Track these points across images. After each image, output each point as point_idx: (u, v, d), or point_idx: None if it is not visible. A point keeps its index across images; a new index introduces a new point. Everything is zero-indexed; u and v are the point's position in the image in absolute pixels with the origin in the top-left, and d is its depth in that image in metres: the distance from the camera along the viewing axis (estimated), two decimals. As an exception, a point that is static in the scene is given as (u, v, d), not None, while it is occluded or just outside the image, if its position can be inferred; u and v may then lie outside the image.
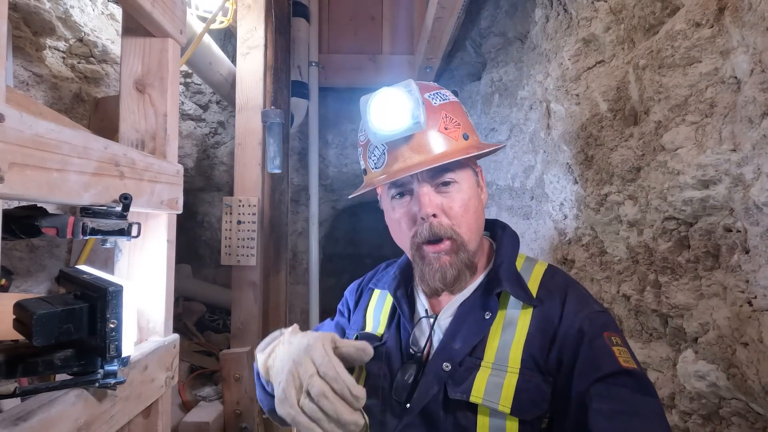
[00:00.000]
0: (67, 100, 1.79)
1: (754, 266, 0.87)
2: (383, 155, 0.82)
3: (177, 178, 0.93)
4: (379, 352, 0.86)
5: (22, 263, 1.63)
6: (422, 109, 0.76)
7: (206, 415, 1.94)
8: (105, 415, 0.70)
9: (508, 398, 0.71)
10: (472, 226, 0.80)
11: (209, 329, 2.84)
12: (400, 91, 0.77)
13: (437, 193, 0.79)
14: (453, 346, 0.78)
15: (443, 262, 0.78)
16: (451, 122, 0.81)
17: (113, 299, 0.62)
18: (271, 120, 1.97)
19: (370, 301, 0.98)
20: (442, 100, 0.83)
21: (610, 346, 0.70)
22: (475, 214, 0.81)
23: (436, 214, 0.78)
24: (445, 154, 0.78)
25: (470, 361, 0.76)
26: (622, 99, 1.23)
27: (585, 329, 0.73)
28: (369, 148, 0.85)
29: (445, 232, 0.78)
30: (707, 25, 0.93)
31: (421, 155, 0.78)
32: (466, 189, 0.81)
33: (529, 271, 0.84)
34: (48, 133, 0.58)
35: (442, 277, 0.78)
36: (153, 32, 0.91)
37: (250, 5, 2.15)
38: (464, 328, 0.79)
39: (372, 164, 0.85)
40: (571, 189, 1.57)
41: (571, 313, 0.75)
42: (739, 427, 0.95)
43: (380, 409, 0.83)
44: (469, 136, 0.82)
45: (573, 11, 1.50)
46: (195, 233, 3.23)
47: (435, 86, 0.86)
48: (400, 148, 0.80)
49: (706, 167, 0.93)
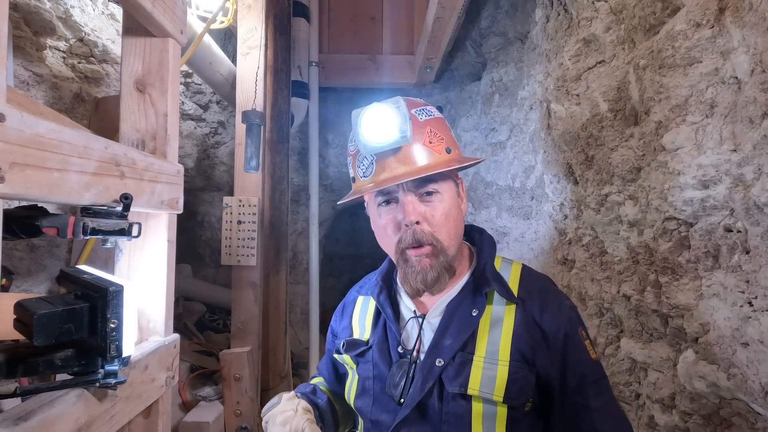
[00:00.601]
0: (68, 99, 1.79)
1: (754, 266, 0.87)
2: (372, 165, 0.88)
3: (177, 177, 0.93)
4: (366, 356, 0.94)
5: (22, 263, 1.63)
6: (409, 125, 0.83)
7: (206, 415, 1.95)
8: (105, 414, 0.70)
9: (501, 388, 0.80)
10: (451, 233, 0.86)
11: (209, 329, 2.84)
12: (389, 107, 0.84)
13: (421, 202, 0.85)
14: (444, 342, 0.85)
15: (424, 264, 0.84)
16: (435, 137, 0.87)
17: (114, 299, 0.62)
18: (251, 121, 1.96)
19: (354, 308, 1.04)
20: (427, 116, 0.89)
21: (583, 341, 0.85)
22: (455, 222, 0.87)
23: (419, 221, 0.84)
24: (429, 166, 0.84)
25: (462, 355, 0.83)
26: (623, 99, 1.23)
27: (568, 332, 0.84)
28: (358, 158, 0.91)
29: (427, 238, 0.84)
30: (708, 26, 0.93)
31: (407, 166, 0.85)
32: (448, 199, 0.87)
33: (507, 271, 0.92)
34: (48, 132, 0.58)
35: (423, 278, 0.84)
36: (153, 32, 0.91)
37: (251, 5, 2.15)
38: (454, 326, 0.86)
39: (361, 173, 0.90)
40: (571, 189, 1.57)
41: (554, 316, 0.85)
42: (740, 428, 0.95)
43: (372, 408, 0.90)
44: (451, 150, 0.88)
45: (573, 11, 1.50)
46: (195, 233, 3.23)
47: (421, 102, 0.92)
48: (387, 159, 0.86)
49: (707, 167, 0.93)
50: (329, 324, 1.10)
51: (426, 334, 0.88)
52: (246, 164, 1.94)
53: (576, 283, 1.57)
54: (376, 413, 0.88)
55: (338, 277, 4.19)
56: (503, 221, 2.26)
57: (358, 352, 0.94)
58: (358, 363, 0.94)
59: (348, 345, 0.97)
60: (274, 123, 2.29)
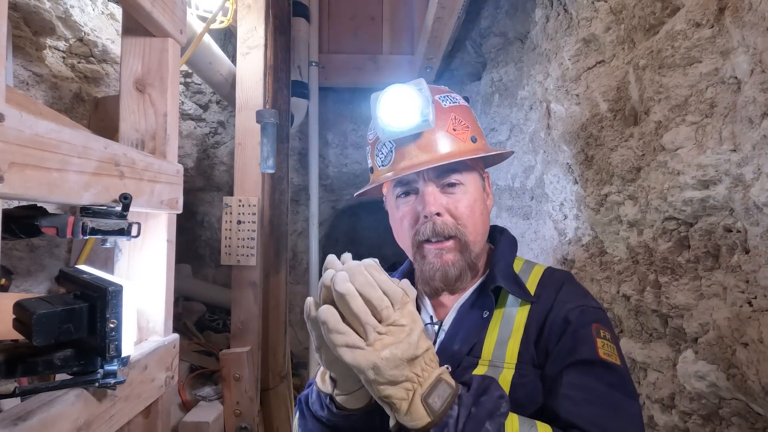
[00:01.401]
0: (67, 99, 1.79)
1: (754, 266, 0.87)
2: (390, 153, 0.82)
3: (177, 177, 0.93)
4: None
5: (22, 263, 1.63)
6: (431, 108, 0.77)
7: (206, 415, 1.94)
8: (105, 414, 0.70)
9: None
10: (478, 228, 0.80)
11: (209, 329, 2.84)
12: (410, 88, 0.78)
13: (442, 194, 0.79)
14: (452, 348, 0.79)
15: (446, 260, 0.78)
16: (459, 124, 0.81)
17: (113, 299, 0.62)
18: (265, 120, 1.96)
19: None
20: (452, 103, 0.83)
21: (594, 336, 0.70)
22: (481, 216, 0.81)
23: (440, 212, 0.78)
24: (452, 154, 0.78)
25: (468, 360, 0.77)
26: (623, 99, 1.23)
27: (571, 319, 0.72)
28: (377, 146, 0.86)
29: (450, 230, 0.78)
30: (707, 26, 0.93)
31: (428, 154, 0.79)
32: (472, 191, 0.81)
33: (528, 272, 0.84)
34: (48, 132, 0.57)
35: (443, 275, 0.78)
36: (153, 32, 0.91)
37: (250, 5, 2.15)
38: (462, 330, 0.80)
39: (379, 162, 0.85)
40: (571, 189, 1.57)
41: (562, 302, 0.75)
42: (739, 428, 0.95)
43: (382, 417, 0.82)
44: (477, 139, 0.82)
45: (573, 11, 1.49)
46: (195, 233, 3.23)
47: (446, 89, 0.86)
48: (407, 146, 0.80)
49: (706, 167, 0.93)
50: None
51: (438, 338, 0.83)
52: (263, 163, 1.94)
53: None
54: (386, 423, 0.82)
55: (338, 277, 4.18)
56: (503, 221, 2.26)
57: None
58: None
59: None
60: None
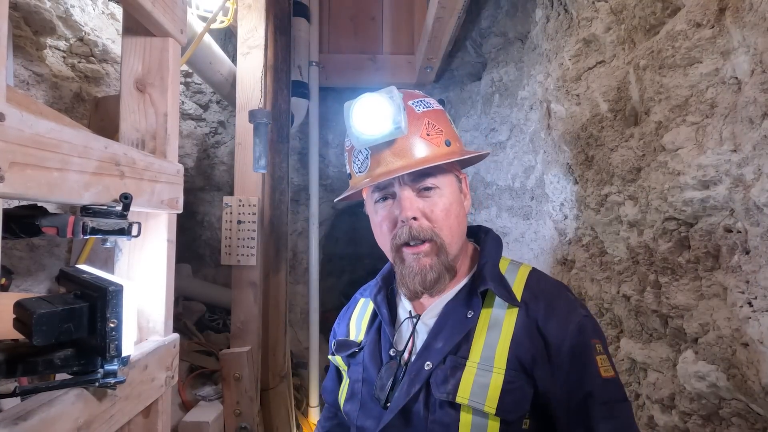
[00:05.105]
0: (68, 99, 1.79)
1: (754, 267, 0.87)
2: (366, 159, 0.84)
3: (177, 177, 0.93)
4: (357, 357, 0.89)
5: (22, 262, 1.63)
6: (403, 115, 0.78)
7: (206, 415, 1.94)
8: (105, 414, 0.70)
9: (493, 399, 0.72)
10: (453, 230, 0.81)
11: (209, 329, 2.84)
12: (381, 97, 0.79)
13: (418, 197, 0.81)
14: (435, 345, 0.79)
15: (423, 264, 0.79)
16: (433, 129, 0.83)
17: (113, 299, 0.62)
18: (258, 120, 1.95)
19: (354, 310, 1.00)
20: (425, 108, 0.85)
21: (594, 356, 0.75)
22: (457, 218, 0.82)
23: (416, 217, 0.79)
24: (426, 159, 0.80)
25: (455, 360, 0.77)
26: (623, 99, 1.23)
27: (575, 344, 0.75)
28: (353, 153, 0.88)
29: (426, 234, 0.79)
30: (708, 26, 0.93)
31: (403, 160, 0.80)
32: (448, 194, 0.82)
33: (514, 273, 0.85)
34: (48, 132, 0.57)
35: (422, 279, 0.79)
36: (153, 32, 0.91)
37: (251, 5, 2.15)
38: (447, 327, 0.81)
39: (356, 168, 0.87)
40: (571, 189, 1.57)
41: (560, 324, 0.77)
42: (739, 428, 0.95)
43: (358, 413, 0.84)
44: (451, 143, 0.84)
45: (573, 11, 1.49)
46: (195, 233, 3.23)
47: (420, 94, 0.88)
48: (382, 152, 0.82)
49: (707, 168, 0.93)
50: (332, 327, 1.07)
51: (420, 336, 0.84)
52: (255, 163, 1.94)
53: (576, 284, 1.57)
54: (361, 419, 0.84)
55: (338, 277, 4.19)
56: (503, 221, 2.26)
57: (349, 353, 0.90)
58: (350, 365, 0.91)
59: (339, 345, 0.93)
60: (274, 123, 2.29)
